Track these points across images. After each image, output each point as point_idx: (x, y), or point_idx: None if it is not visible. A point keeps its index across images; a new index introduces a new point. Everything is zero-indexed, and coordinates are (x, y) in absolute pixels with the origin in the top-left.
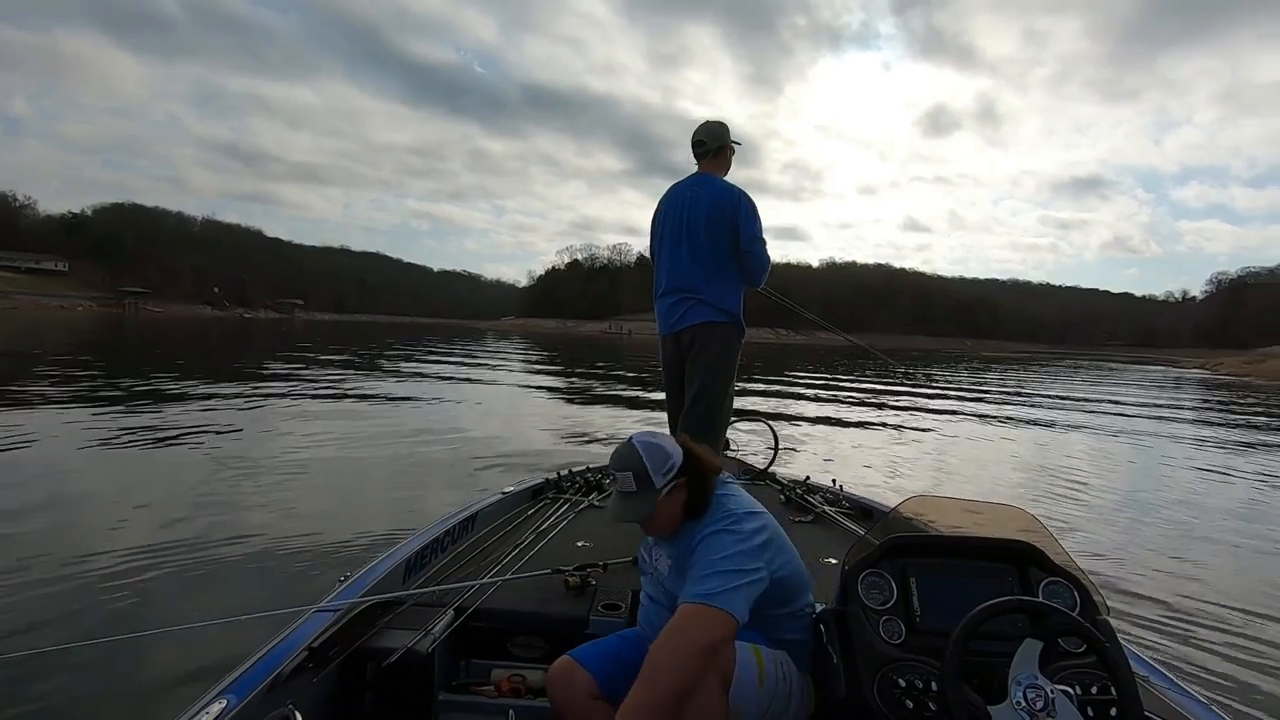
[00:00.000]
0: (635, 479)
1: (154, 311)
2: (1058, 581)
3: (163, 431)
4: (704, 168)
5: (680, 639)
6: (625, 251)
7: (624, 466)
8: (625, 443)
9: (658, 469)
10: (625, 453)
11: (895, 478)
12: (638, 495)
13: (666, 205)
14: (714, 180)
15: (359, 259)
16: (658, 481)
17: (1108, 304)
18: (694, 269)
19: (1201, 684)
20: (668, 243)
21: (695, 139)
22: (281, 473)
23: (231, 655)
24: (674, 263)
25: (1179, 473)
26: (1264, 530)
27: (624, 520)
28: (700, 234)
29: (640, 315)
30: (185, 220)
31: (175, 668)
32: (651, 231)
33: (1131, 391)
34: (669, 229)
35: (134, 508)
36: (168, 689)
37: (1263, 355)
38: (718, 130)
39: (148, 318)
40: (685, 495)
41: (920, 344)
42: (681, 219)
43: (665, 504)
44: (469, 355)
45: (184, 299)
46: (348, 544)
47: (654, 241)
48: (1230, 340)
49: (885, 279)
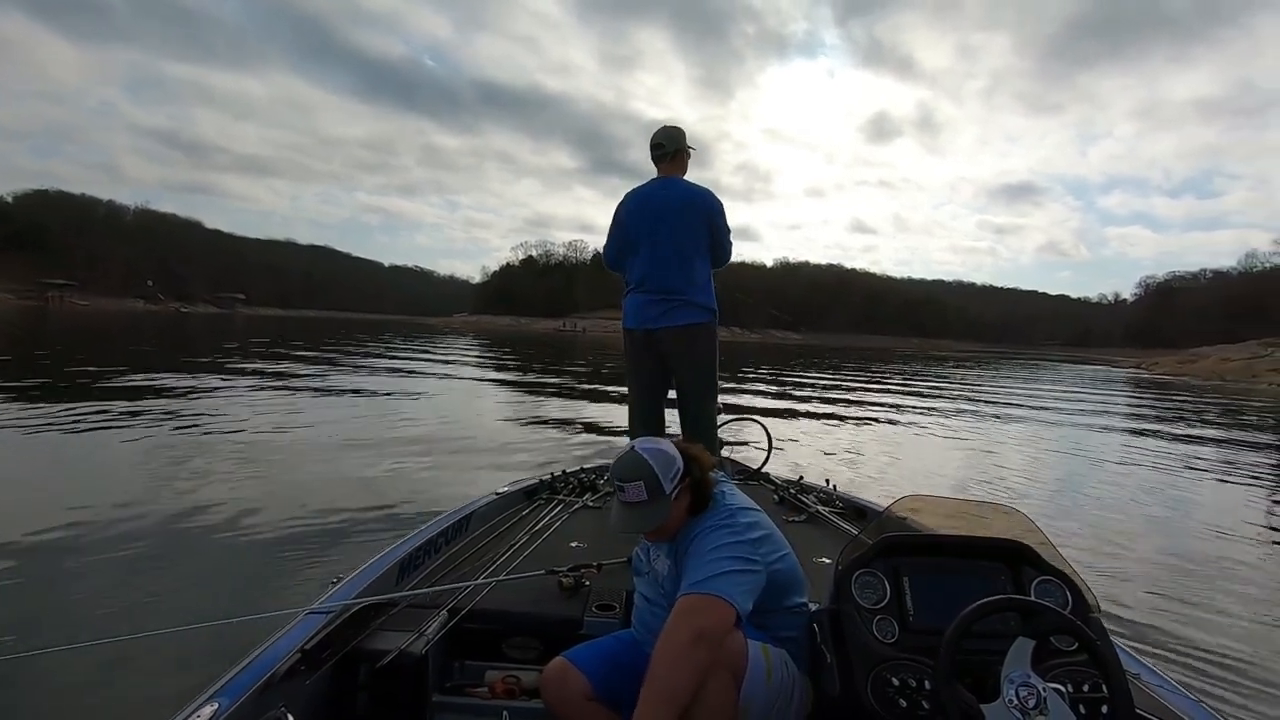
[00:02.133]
0: (647, 488)
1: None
2: (1050, 580)
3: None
4: (664, 170)
5: (677, 633)
6: (581, 248)
7: (634, 476)
8: (629, 452)
9: (666, 475)
10: (633, 462)
11: (852, 465)
12: (649, 504)
13: (635, 205)
14: (680, 181)
15: (306, 252)
16: (668, 488)
17: (1045, 305)
18: (675, 268)
19: (1191, 679)
20: (645, 241)
21: (654, 142)
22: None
23: (222, 658)
24: (653, 261)
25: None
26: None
27: (636, 530)
28: (680, 233)
29: (596, 313)
30: (117, 209)
31: (164, 672)
32: (617, 232)
33: (1087, 392)
34: (644, 227)
35: (67, 509)
36: (158, 693)
37: (1194, 355)
38: (675, 134)
39: (73, 311)
40: (689, 497)
41: (871, 343)
42: (657, 219)
43: (675, 506)
44: (412, 356)
45: (114, 292)
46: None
47: (618, 242)
48: (1160, 340)
49: (836, 279)
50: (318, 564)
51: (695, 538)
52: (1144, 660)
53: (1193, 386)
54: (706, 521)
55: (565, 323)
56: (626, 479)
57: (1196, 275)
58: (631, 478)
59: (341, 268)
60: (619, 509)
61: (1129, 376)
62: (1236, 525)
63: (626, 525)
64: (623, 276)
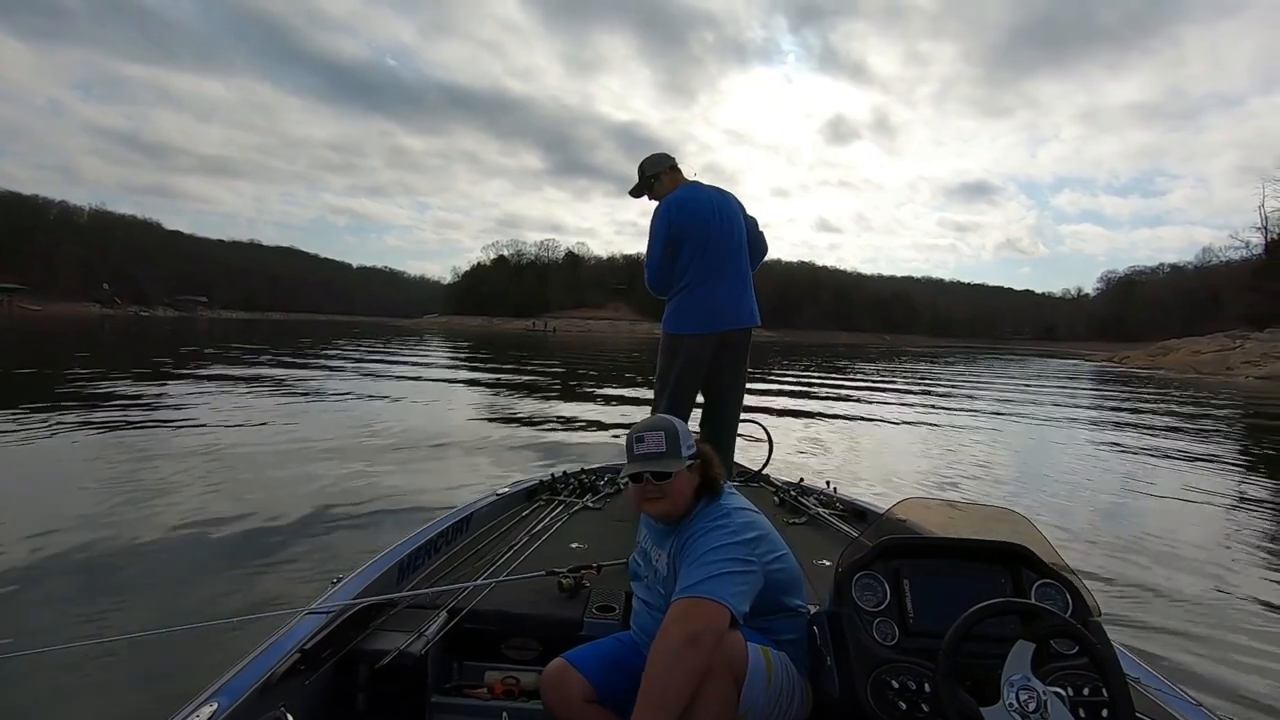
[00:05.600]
0: (666, 440)
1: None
2: (1050, 583)
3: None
4: (684, 179)
5: (670, 637)
6: (553, 248)
7: (656, 428)
8: (652, 416)
9: (684, 441)
10: (655, 420)
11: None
12: (665, 455)
13: (688, 207)
14: (707, 185)
15: (272, 254)
16: (684, 452)
17: (1011, 300)
18: (745, 266)
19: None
20: (718, 237)
21: (663, 157)
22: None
23: (220, 659)
24: (727, 258)
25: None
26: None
27: (650, 468)
28: (734, 233)
29: (567, 312)
30: (71, 211)
31: (164, 672)
32: (667, 236)
33: (1069, 386)
34: (711, 222)
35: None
36: (158, 693)
37: (1164, 349)
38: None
39: (23, 316)
40: (698, 479)
41: (842, 339)
42: (724, 216)
43: (683, 477)
44: (362, 360)
45: (69, 296)
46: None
47: (668, 247)
48: (1123, 334)
49: (808, 276)
50: (297, 565)
51: (691, 538)
52: (1144, 664)
53: (1173, 380)
54: (704, 520)
55: (535, 322)
56: (648, 430)
57: (1155, 270)
58: (654, 429)
59: (309, 269)
60: (632, 459)
61: (1105, 371)
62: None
63: (641, 465)
64: (670, 287)
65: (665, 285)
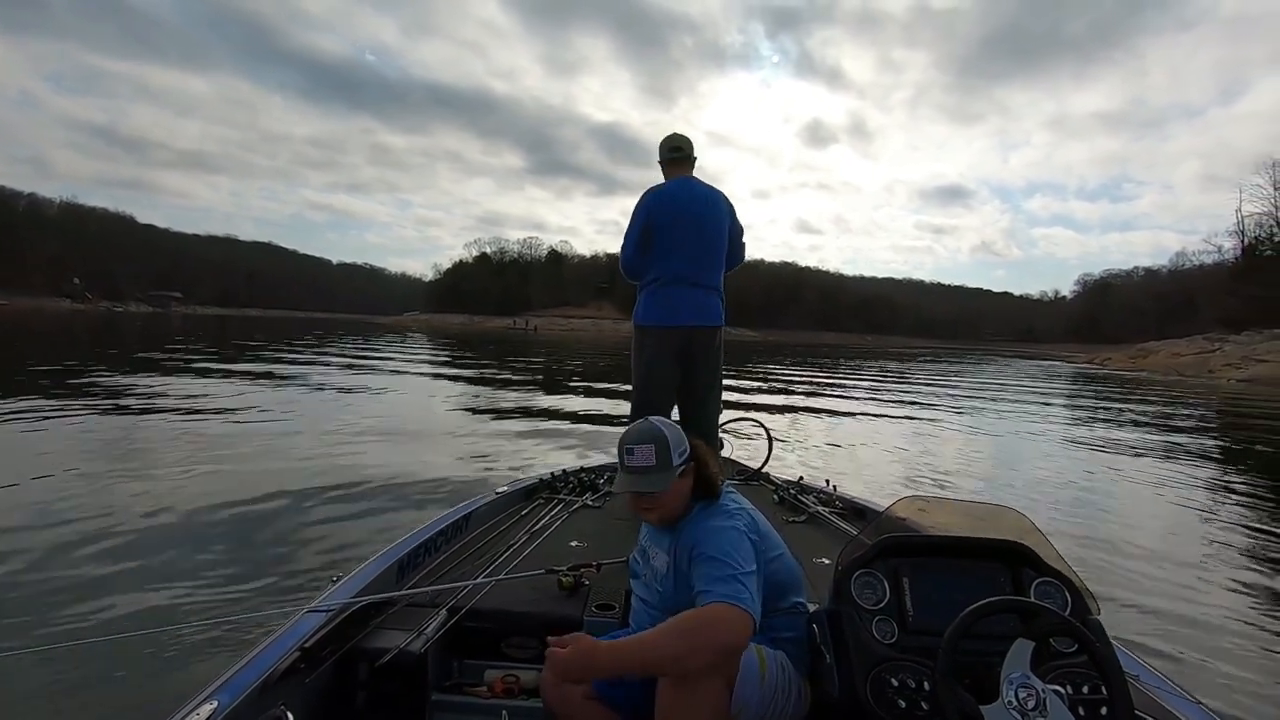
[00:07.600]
0: (656, 453)
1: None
2: (1049, 582)
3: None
4: (679, 172)
5: (711, 633)
6: (536, 245)
7: (646, 440)
8: (642, 421)
9: (676, 449)
10: (647, 429)
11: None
12: (656, 470)
13: (664, 201)
14: (699, 181)
15: (249, 249)
16: (675, 461)
17: (990, 302)
18: (709, 265)
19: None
20: (678, 237)
21: (673, 145)
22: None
23: (222, 657)
24: (687, 258)
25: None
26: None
27: (639, 489)
28: (710, 230)
29: (549, 310)
30: (40, 203)
31: (164, 670)
32: (642, 226)
33: (1058, 387)
34: (679, 222)
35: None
36: (158, 691)
37: (1144, 351)
38: (689, 141)
39: None
40: (693, 481)
41: (827, 339)
42: (690, 214)
43: (677, 485)
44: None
45: (37, 291)
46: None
47: (642, 238)
48: (1100, 336)
49: (792, 276)
50: (297, 565)
51: (699, 538)
52: (1143, 662)
53: (1157, 382)
54: (706, 520)
55: (516, 320)
56: (637, 442)
57: (1129, 273)
58: (643, 441)
59: (287, 265)
60: (623, 474)
61: (1086, 372)
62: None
63: (630, 485)
64: (640, 275)
65: (635, 271)
